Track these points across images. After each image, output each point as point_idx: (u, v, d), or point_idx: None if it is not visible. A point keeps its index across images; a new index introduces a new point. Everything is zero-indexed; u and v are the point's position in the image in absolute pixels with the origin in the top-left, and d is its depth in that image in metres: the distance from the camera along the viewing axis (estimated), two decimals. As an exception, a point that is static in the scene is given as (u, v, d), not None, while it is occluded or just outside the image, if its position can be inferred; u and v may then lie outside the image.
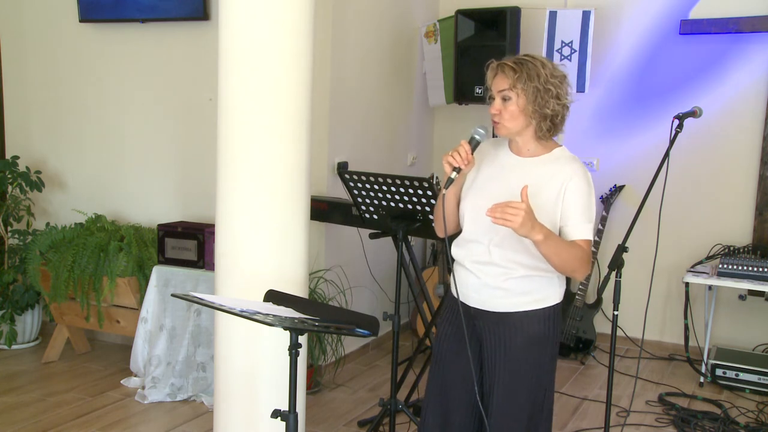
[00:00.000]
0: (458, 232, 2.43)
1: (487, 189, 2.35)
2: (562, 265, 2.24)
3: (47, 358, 4.55)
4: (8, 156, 4.89)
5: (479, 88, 4.80)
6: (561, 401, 4.12)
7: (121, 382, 4.23)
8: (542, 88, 2.25)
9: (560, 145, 2.39)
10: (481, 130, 2.28)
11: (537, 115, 2.27)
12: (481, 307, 2.36)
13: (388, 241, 3.56)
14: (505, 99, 2.28)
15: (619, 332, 4.32)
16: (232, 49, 2.80)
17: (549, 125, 2.30)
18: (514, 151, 2.39)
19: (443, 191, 2.27)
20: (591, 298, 4.99)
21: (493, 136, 2.50)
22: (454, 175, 2.24)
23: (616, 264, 2.78)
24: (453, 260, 2.44)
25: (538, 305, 2.34)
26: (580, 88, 4.78)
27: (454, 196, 2.39)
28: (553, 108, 2.27)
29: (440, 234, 2.48)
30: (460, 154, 2.23)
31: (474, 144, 2.28)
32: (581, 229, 2.27)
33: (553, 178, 2.27)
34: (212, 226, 3.65)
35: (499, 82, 2.29)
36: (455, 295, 2.43)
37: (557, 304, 2.38)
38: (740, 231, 4.79)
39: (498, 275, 2.32)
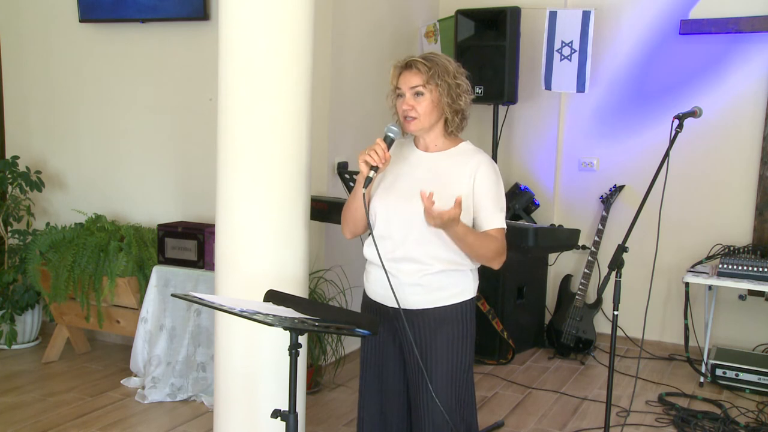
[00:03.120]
0: (368, 232, 2.44)
1: (396, 186, 2.37)
2: (477, 257, 2.32)
3: (47, 358, 4.55)
4: (8, 156, 4.89)
5: (479, 88, 4.79)
6: (561, 401, 4.13)
7: (121, 382, 4.22)
8: (453, 83, 2.32)
9: (465, 140, 2.44)
10: (395, 128, 2.32)
11: (450, 109, 2.33)
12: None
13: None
14: (418, 94, 2.31)
15: (619, 332, 4.33)
16: (232, 49, 2.80)
17: (461, 118, 2.37)
18: (420, 148, 2.43)
19: (362, 191, 2.28)
20: (591, 298, 4.99)
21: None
22: (372, 174, 2.26)
23: (616, 264, 2.78)
24: (366, 260, 2.47)
25: (454, 300, 2.38)
26: (580, 88, 4.78)
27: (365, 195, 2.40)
28: (465, 102, 2.35)
29: (348, 235, 2.53)
30: (377, 153, 2.25)
31: (389, 142, 2.30)
32: (494, 219, 2.32)
33: (461, 168, 2.32)
34: (212, 226, 3.65)
35: (410, 78, 2.32)
36: (371, 297, 2.47)
37: (472, 298, 2.43)
38: (740, 231, 4.79)
39: (414, 272, 2.34)
